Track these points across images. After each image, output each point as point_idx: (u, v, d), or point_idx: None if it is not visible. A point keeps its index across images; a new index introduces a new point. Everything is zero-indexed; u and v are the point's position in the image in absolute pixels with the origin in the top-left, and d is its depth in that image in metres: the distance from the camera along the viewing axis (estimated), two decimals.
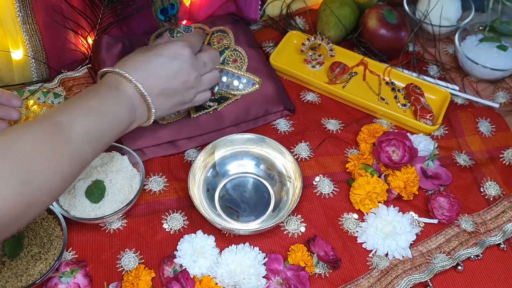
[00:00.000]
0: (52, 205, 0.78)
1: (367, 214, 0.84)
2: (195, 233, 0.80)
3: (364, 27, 1.06)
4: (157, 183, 0.86)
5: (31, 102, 0.93)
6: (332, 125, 0.96)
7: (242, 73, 0.97)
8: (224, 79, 0.97)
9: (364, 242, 0.81)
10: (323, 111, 0.98)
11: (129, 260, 0.78)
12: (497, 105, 1.00)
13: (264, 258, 0.78)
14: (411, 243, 0.81)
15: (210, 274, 0.76)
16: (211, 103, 0.93)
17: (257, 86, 0.96)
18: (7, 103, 0.83)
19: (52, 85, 0.97)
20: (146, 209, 0.84)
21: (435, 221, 0.84)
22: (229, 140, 0.87)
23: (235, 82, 0.97)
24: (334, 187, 0.88)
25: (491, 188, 0.89)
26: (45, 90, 0.95)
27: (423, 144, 0.91)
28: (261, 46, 1.08)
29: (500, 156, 0.93)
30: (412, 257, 0.80)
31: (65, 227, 0.76)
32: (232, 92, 0.96)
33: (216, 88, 0.94)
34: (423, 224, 0.84)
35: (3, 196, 0.55)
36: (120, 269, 0.77)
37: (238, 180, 0.88)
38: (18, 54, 0.95)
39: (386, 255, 0.80)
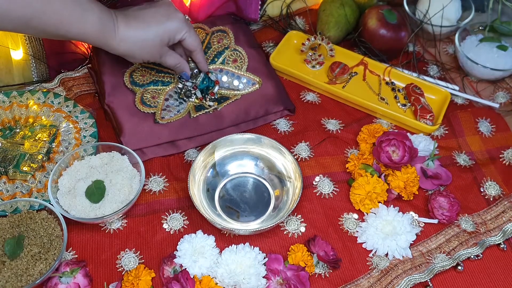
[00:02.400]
0: (52, 205, 0.78)
1: (367, 214, 0.84)
2: (195, 233, 0.80)
3: (364, 27, 1.06)
4: (157, 183, 0.86)
5: (31, 102, 0.93)
6: (332, 125, 0.96)
7: (242, 73, 0.97)
8: (224, 78, 0.96)
9: (364, 242, 0.81)
10: (323, 111, 0.98)
11: (129, 260, 0.78)
12: (497, 105, 1.00)
13: (264, 258, 0.78)
14: (411, 243, 0.81)
15: (210, 274, 0.76)
16: (211, 103, 0.93)
17: (257, 86, 0.96)
18: None
19: (52, 85, 0.97)
20: (146, 209, 0.84)
21: (435, 221, 0.84)
22: (229, 140, 0.87)
23: (235, 82, 0.96)
24: (334, 187, 0.88)
25: (491, 188, 0.89)
26: (45, 90, 0.95)
27: (423, 144, 0.91)
28: (261, 46, 1.08)
29: (500, 156, 0.93)
30: (412, 257, 0.80)
31: (65, 227, 0.76)
32: (232, 92, 0.95)
33: (216, 88, 0.94)
34: (423, 224, 0.84)
35: None
36: (120, 269, 0.77)
37: (238, 180, 0.88)
38: (18, 54, 0.95)
39: (386, 255, 0.80)
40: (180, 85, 0.94)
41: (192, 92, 0.93)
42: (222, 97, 0.95)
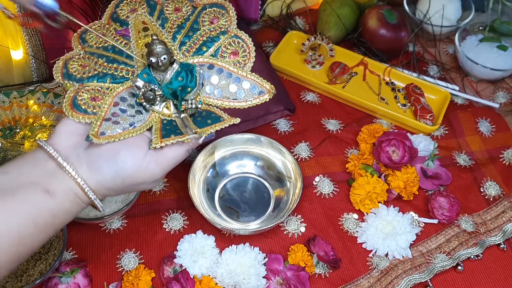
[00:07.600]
0: None
1: (367, 214, 0.84)
2: (195, 233, 0.80)
3: (364, 27, 1.06)
4: None
5: (31, 102, 0.93)
6: (332, 125, 0.96)
7: (244, 73, 0.66)
8: (215, 80, 0.65)
9: (364, 242, 0.81)
10: (323, 111, 0.98)
11: (129, 260, 0.78)
12: (497, 105, 1.00)
13: (264, 258, 0.78)
14: (411, 243, 0.81)
15: (210, 274, 0.76)
16: (187, 128, 0.61)
17: (266, 96, 0.65)
18: None
19: (52, 85, 0.97)
20: (146, 209, 0.84)
21: (435, 221, 0.84)
22: (229, 140, 0.87)
23: (232, 87, 0.66)
24: (334, 187, 0.88)
25: (491, 188, 0.89)
26: (45, 90, 0.95)
27: (423, 144, 0.91)
28: (261, 46, 1.08)
29: (500, 156, 0.93)
30: (412, 257, 0.80)
31: (65, 227, 0.76)
32: (226, 103, 0.65)
33: (197, 101, 0.63)
34: (423, 224, 0.84)
35: None
36: (120, 269, 0.77)
37: (238, 180, 0.88)
38: (18, 54, 0.95)
39: (386, 255, 0.80)
40: (140, 83, 0.61)
41: (158, 93, 0.61)
42: (207, 112, 0.63)
